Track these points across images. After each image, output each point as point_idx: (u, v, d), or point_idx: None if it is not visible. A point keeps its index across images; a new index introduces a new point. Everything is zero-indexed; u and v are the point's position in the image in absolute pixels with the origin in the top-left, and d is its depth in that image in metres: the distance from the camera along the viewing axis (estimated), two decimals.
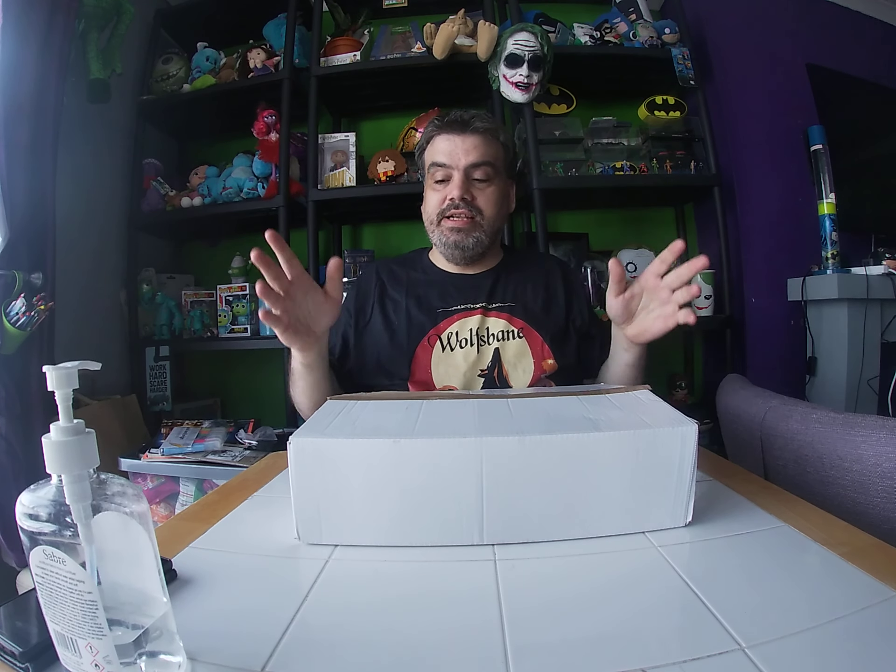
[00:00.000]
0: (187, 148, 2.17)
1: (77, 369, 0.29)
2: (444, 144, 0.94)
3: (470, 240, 0.94)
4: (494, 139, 0.95)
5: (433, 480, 0.46)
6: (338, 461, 0.46)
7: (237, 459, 1.39)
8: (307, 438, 0.46)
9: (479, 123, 0.94)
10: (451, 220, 0.93)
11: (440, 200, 0.94)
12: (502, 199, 0.98)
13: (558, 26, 1.78)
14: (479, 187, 0.94)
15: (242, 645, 0.33)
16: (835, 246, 1.71)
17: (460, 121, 0.94)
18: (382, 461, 0.46)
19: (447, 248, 0.95)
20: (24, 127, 1.28)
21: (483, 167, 0.93)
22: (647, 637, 0.33)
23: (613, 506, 0.47)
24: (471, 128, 0.93)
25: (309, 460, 0.46)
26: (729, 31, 1.88)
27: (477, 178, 0.93)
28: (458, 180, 0.92)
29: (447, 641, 0.34)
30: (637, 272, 1.73)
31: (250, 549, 0.47)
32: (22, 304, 1.21)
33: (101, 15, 1.59)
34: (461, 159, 0.92)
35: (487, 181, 0.94)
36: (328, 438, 0.46)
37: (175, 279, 1.95)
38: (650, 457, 0.47)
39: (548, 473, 0.46)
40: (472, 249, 0.95)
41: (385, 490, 0.46)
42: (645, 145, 1.81)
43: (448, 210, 0.93)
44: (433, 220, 0.96)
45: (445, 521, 0.46)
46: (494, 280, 0.98)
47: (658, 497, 0.48)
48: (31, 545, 0.27)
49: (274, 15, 1.84)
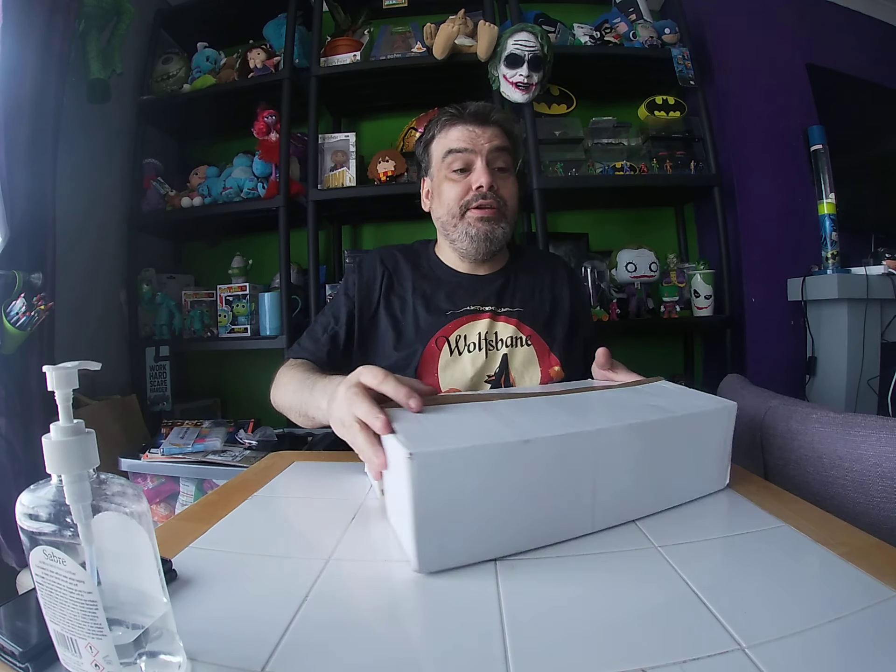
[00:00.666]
0: (187, 148, 2.17)
1: (77, 369, 0.29)
2: (458, 132, 0.90)
3: (499, 230, 0.90)
4: (510, 133, 0.93)
5: (557, 477, 0.45)
6: (464, 471, 0.41)
7: (237, 459, 1.39)
8: (432, 449, 0.40)
9: (497, 115, 0.91)
10: (479, 210, 0.88)
11: (463, 191, 0.89)
12: (517, 192, 0.94)
13: (558, 26, 1.78)
14: (500, 177, 0.90)
15: (242, 645, 0.33)
16: (835, 246, 1.71)
17: (477, 111, 0.91)
18: (511, 463, 0.43)
19: (474, 242, 0.90)
20: (24, 127, 1.27)
21: (504, 154, 0.90)
22: (647, 637, 0.33)
23: (686, 476, 0.54)
24: (490, 119, 0.91)
25: (436, 475, 0.40)
26: (729, 31, 1.88)
27: (498, 167, 0.90)
28: (483, 167, 0.88)
29: (447, 641, 0.34)
30: (637, 272, 1.73)
31: (250, 549, 0.47)
32: (22, 304, 1.21)
33: (101, 15, 1.59)
34: (483, 144, 0.88)
35: (507, 171, 0.92)
36: (457, 446, 0.41)
37: (175, 279, 1.95)
38: (708, 432, 0.55)
39: (645, 455, 0.50)
40: (500, 241, 0.91)
41: (508, 495, 0.43)
42: (645, 145, 1.82)
43: (475, 200, 0.88)
44: (455, 213, 0.90)
45: (564, 515, 0.46)
46: (504, 283, 0.96)
47: (710, 465, 0.56)
48: (31, 545, 0.27)
49: (274, 15, 1.84)
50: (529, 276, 0.99)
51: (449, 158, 0.91)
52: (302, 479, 0.70)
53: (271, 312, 1.74)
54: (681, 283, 1.78)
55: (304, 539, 0.50)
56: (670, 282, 1.78)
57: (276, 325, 1.74)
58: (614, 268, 1.77)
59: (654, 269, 1.73)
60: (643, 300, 1.75)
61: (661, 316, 1.76)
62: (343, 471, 0.71)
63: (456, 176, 0.90)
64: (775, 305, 1.80)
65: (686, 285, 1.78)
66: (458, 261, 0.97)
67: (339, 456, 0.76)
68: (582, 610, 0.37)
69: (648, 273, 1.73)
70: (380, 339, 0.92)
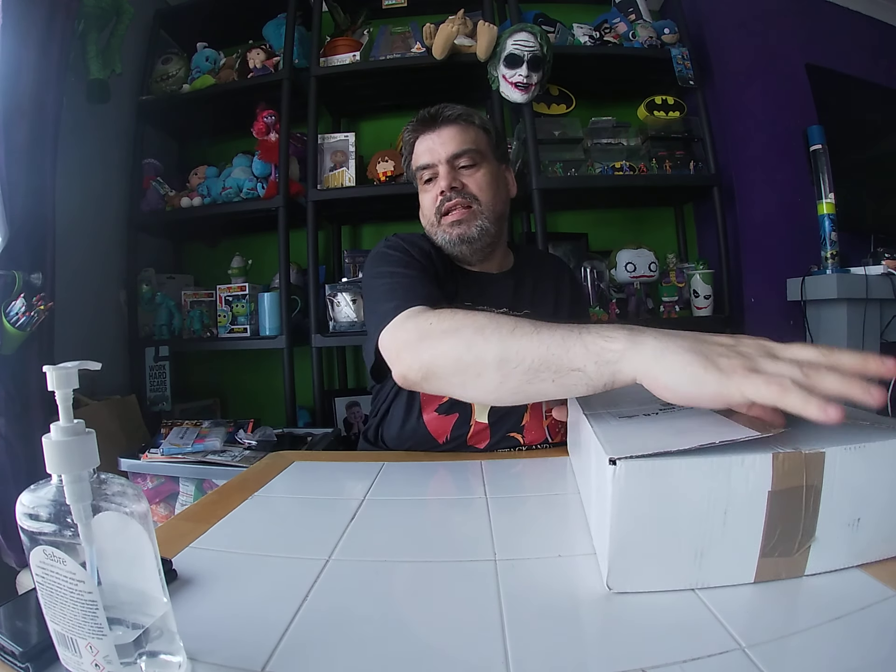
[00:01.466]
0: (187, 148, 2.17)
1: (77, 369, 0.29)
2: (422, 146, 0.93)
3: (473, 229, 0.89)
4: (470, 124, 0.93)
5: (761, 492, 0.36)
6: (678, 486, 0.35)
7: (237, 459, 1.39)
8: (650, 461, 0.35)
9: (449, 112, 0.91)
10: (448, 215, 0.90)
11: (433, 199, 0.92)
12: (496, 182, 0.94)
13: (558, 26, 1.78)
14: (466, 174, 0.91)
15: (243, 645, 0.33)
16: (834, 246, 1.71)
17: (429, 116, 0.92)
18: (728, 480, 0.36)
19: (454, 247, 0.91)
20: (24, 127, 1.27)
21: (465, 155, 0.91)
22: (647, 637, 0.33)
23: None
24: (441, 119, 0.91)
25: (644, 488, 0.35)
26: (728, 31, 1.88)
27: (463, 165, 0.91)
28: (444, 172, 0.89)
29: (447, 641, 0.34)
30: (636, 272, 1.73)
31: (250, 549, 0.47)
32: (21, 305, 1.21)
33: (101, 15, 1.59)
34: (440, 153, 0.90)
35: (474, 166, 0.91)
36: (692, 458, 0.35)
37: (175, 279, 1.95)
38: None
39: None
40: (478, 240, 0.90)
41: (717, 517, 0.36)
42: (644, 145, 1.82)
43: (443, 206, 0.90)
44: (433, 221, 0.93)
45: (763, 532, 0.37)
46: (516, 283, 0.96)
47: None
48: (32, 545, 0.27)
49: (273, 15, 1.84)
50: (535, 277, 0.99)
51: (419, 174, 0.94)
52: (302, 479, 0.70)
53: (271, 312, 1.74)
54: (680, 283, 1.78)
55: (304, 539, 0.50)
56: (670, 282, 1.78)
57: (275, 325, 1.74)
58: (613, 268, 1.77)
59: (653, 269, 1.73)
60: (642, 300, 1.75)
61: (661, 316, 1.76)
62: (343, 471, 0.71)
63: (427, 186, 0.94)
64: (774, 305, 1.80)
65: (685, 285, 1.78)
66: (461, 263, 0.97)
67: (339, 456, 0.76)
68: (582, 609, 0.37)
69: (648, 273, 1.73)
70: None
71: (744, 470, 0.35)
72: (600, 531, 0.40)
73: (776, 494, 0.36)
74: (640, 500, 0.35)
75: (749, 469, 0.35)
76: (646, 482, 0.35)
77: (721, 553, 0.37)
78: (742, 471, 0.35)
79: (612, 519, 0.36)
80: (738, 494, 0.35)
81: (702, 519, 0.36)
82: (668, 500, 0.36)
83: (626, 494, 0.35)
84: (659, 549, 0.37)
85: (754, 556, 0.37)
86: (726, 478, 0.35)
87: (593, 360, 0.44)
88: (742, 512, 0.36)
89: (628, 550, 0.36)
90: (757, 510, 0.36)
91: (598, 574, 0.39)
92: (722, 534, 0.36)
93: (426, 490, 0.66)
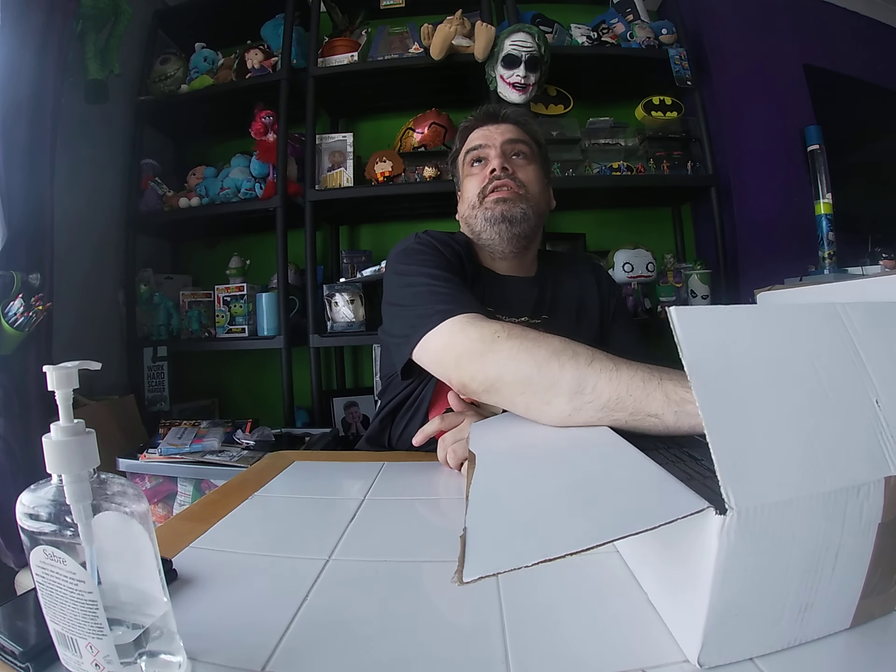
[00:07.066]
0: (185, 148, 2.17)
1: (77, 369, 0.29)
2: (477, 133, 0.94)
3: (517, 210, 0.86)
4: (528, 130, 0.95)
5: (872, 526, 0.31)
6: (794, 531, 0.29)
7: (235, 459, 1.38)
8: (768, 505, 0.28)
9: (510, 111, 0.95)
10: (494, 192, 0.88)
11: (480, 180, 0.90)
12: (542, 184, 0.94)
13: (555, 27, 1.78)
14: (518, 163, 0.91)
15: (243, 645, 0.33)
16: (831, 246, 1.71)
17: (492, 111, 0.95)
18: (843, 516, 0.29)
19: (494, 224, 0.87)
20: (23, 127, 1.27)
21: (520, 144, 0.92)
22: (647, 637, 0.33)
23: None
24: (502, 116, 0.94)
25: (757, 540, 0.28)
26: (726, 31, 1.88)
27: (516, 153, 0.92)
28: (497, 153, 0.90)
29: (447, 641, 0.34)
30: (634, 272, 1.73)
31: (250, 549, 0.47)
32: (20, 305, 1.21)
33: (99, 16, 1.58)
34: (497, 137, 0.91)
35: (526, 160, 0.92)
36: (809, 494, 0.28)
37: (173, 279, 1.95)
38: None
39: None
40: (519, 223, 0.86)
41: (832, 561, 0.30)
42: (642, 146, 1.82)
43: (490, 184, 0.88)
44: (474, 203, 0.90)
45: None
46: (539, 290, 0.94)
47: None
48: (32, 545, 0.27)
49: (272, 15, 1.84)
50: (559, 284, 0.98)
51: (468, 157, 0.94)
52: (302, 479, 0.70)
53: (269, 313, 1.74)
54: (678, 283, 1.79)
55: (304, 539, 0.50)
56: (667, 282, 1.79)
57: (273, 325, 1.73)
58: (611, 268, 1.77)
59: (651, 269, 1.74)
60: (640, 300, 1.76)
61: (659, 316, 1.76)
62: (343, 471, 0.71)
63: (474, 169, 0.93)
64: None
65: (683, 285, 1.79)
66: (493, 257, 0.94)
67: (339, 456, 0.76)
68: (582, 609, 0.37)
69: (645, 273, 1.73)
70: None
71: (858, 501, 0.29)
72: (678, 593, 0.33)
73: (884, 527, 0.30)
74: (751, 555, 0.28)
75: (864, 500, 0.29)
76: (759, 532, 0.28)
77: (825, 602, 0.31)
78: (857, 502, 0.29)
79: (714, 585, 0.28)
80: (851, 532, 0.30)
81: (814, 567, 0.30)
82: (780, 549, 0.29)
83: (735, 551, 0.28)
84: (762, 610, 0.30)
85: (855, 599, 0.32)
86: (841, 513, 0.29)
87: (673, 410, 0.45)
88: (853, 552, 0.30)
89: (729, 619, 0.29)
90: (866, 547, 0.30)
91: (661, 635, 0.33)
92: (829, 580, 0.30)
93: (426, 490, 0.66)
